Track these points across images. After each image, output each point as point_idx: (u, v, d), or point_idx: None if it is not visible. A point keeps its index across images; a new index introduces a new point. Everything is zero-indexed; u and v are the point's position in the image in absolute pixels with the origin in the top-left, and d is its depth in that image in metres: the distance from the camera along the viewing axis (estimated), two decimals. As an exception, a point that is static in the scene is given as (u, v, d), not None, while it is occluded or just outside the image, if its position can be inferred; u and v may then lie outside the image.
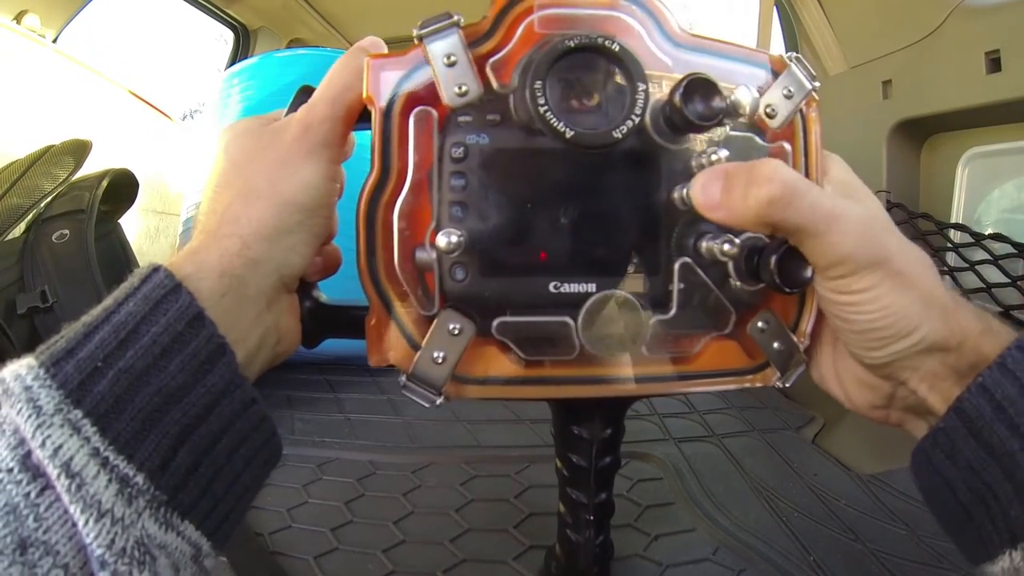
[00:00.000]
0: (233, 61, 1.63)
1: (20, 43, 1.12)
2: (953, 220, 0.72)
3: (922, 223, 0.74)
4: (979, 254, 0.65)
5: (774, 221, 0.22)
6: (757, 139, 0.27)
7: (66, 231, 0.85)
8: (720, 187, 0.23)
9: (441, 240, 0.24)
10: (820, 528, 0.51)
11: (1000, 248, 0.62)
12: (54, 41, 1.20)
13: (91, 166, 0.95)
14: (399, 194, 0.25)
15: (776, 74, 0.28)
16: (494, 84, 0.25)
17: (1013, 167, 0.67)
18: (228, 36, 1.65)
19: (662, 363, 0.27)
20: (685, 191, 0.26)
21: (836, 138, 0.87)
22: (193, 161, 1.01)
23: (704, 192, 0.24)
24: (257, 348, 0.24)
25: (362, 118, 0.27)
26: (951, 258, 0.69)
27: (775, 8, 0.95)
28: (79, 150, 0.94)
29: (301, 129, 0.26)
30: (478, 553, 0.48)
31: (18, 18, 1.11)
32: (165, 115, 1.46)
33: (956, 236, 0.69)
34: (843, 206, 0.23)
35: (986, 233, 0.66)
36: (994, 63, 0.62)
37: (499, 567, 0.46)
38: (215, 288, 0.22)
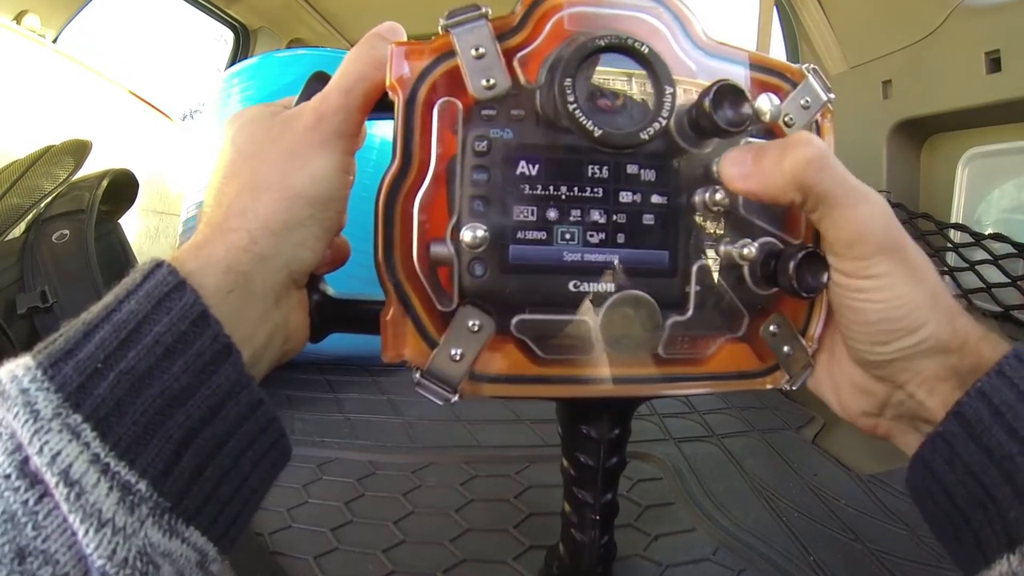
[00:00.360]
0: (233, 61, 1.63)
1: (20, 43, 1.12)
2: (953, 220, 0.72)
3: (922, 223, 0.74)
4: (979, 254, 0.65)
5: (808, 183, 0.23)
6: None
7: (66, 231, 0.85)
8: (751, 158, 0.24)
9: (466, 234, 0.24)
10: (820, 528, 0.51)
11: (1000, 248, 0.62)
12: (54, 41, 1.20)
13: (91, 166, 0.95)
14: (420, 185, 0.25)
15: (794, 84, 0.28)
16: (521, 79, 0.25)
17: (1013, 167, 0.67)
18: (228, 36, 1.65)
19: (677, 364, 0.27)
20: (706, 195, 0.26)
21: (836, 138, 0.87)
22: (193, 161, 1.01)
23: (734, 164, 0.24)
24: (264, 346, 0.24)
25: (378, 107, 0.26)
26: (951, 258, 0.69)
27: (775, 8, 0.95)
28: (79, 150, 0.94)
29: (314, 119, 0.25)
30: (478, 553, 0.48)
31: (18, 18, 1.11)
32: (165, 115, 1.46)
33: (956, 236, 0.69)
34: (867, 187, 0.23)
35: (986, 233, 0.66)
36: (994, 63, 0.62)
37: (499, 567, 0.46)
38: (221, 284, 0.21)
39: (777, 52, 0.98)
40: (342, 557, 0.47)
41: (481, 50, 0.24)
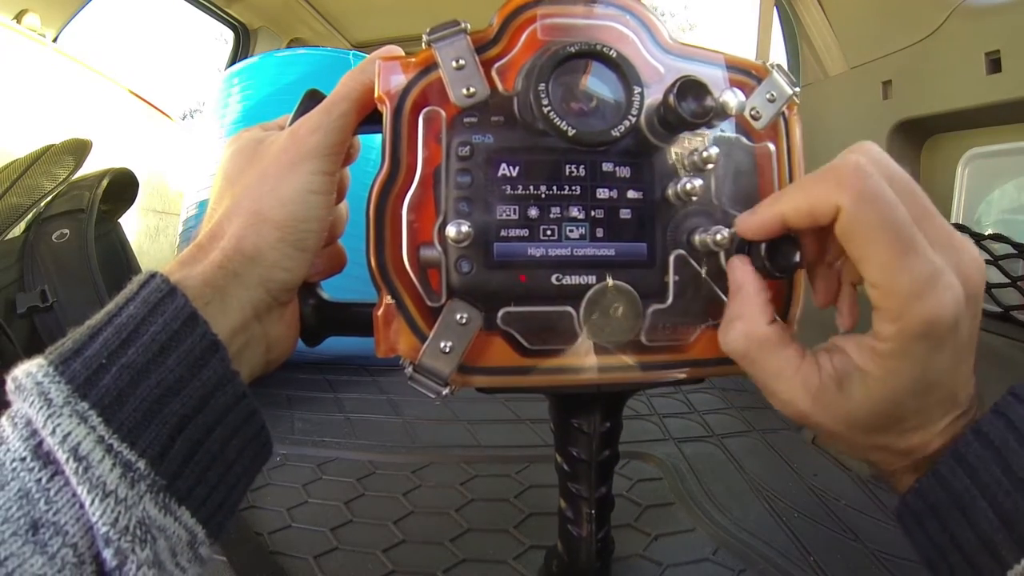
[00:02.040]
0: (233, 61, 1.63)
1: (20, 43, 1.12)
2: (953, 220, 0.72)
3: (922, 223, 0.73)
4: (979, 254, 0.65)
5: None
6: (744, 139, 0.29)
7: (66, 230, 0.85)
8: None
9: (451, 230, 0.25)
10: (820, 528, 0.51)
11: (1000, 248, 0.62)
12: (54, 41, 1.20)
13: (91, 166, 0.95)
14: (408, 189, 0.26)
15: (759, 80, 0.29)
16: (499, 87, 0.27)
17: (1013, 167, 0.67)
18: (228, 36, 1.65)
19: (659, 352, 0.28)
20: (679, 186, 0.27)
21: (836, 138, 0.87)
22: (193, 161, 1.01)
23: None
24: (237, 355, 0.25)
25: (369, 121, 0.28)
26: (951, 258, 0.69)
27: (775, 8, 0.95)
28: (79, 150, 0.94)
29: (289, 142, 0.27)
30: (478, 553, 0.48)
31: (18, 18, 1.11)
32: (165, 115, 1.46)
33: (956, 236, 0.69)
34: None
35: (986, 233, 0.66)
36: (994, 63, 0.62)
37: (499, 567, 0.46)
38: (198, 296, 0.23)
39: (777, 52, 0.98)
40: (342, 557, 0.47)
41: (461, 61, 0.26)
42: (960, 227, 0.68)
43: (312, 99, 0.29)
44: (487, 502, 0.55)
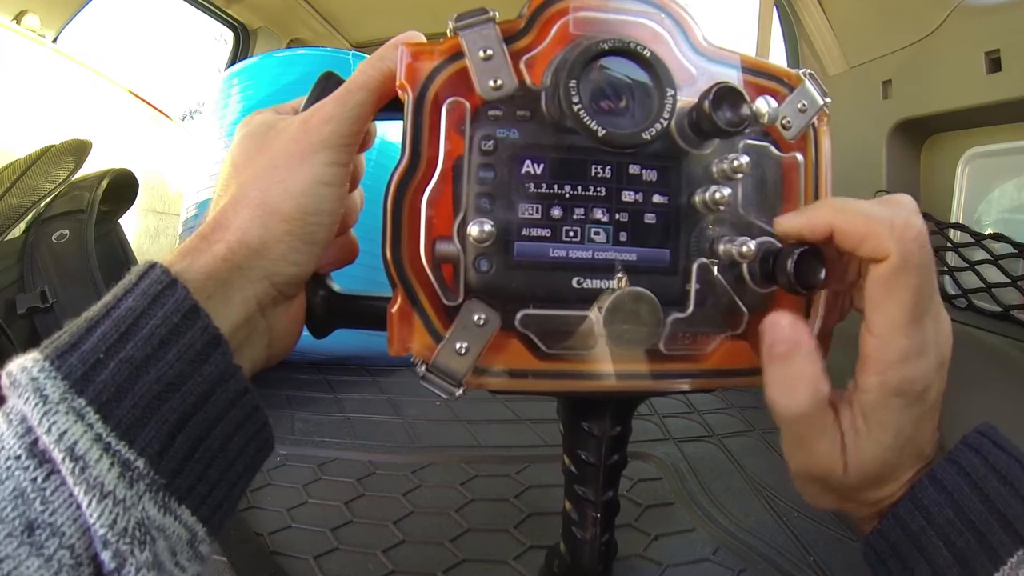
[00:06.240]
0: (233, 61, 1.63)
1: (20, 43, 1.12)
2: (953, 220, 0.72)
3: (922, 223, 0.73)
4: (979, 254, 0.65)
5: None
6: (773, 148, 0.28)
7: (66, 231, 0.85)
8: None
9: (473, 229, 0.24)
10: (820, 528, 0.51)
11: (1000, 248, 0.62)
12: (54, 41, 1.20)
13: (91, 166, 0.95)
14: (428, 182, 0.25)
15: (791, 88, 0.29)
16: (527, 80, 0.26)
17: (1013, 167, 0.67)
18: (228, 36, 1.65)
19: (677, 360, 0.28)
20: (707, 194, 0.26)
21: (836, 138, 0.86)
22: (193, 161, 1.01)
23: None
24: (238, 348, 0.24)
25: (388, 108, 0.27)
26: (951, 258, 0.69)
27: (775, 8, 0.95)
28: (79, 150, 0.94)
29: (300, 131, 0.26)
30: (478, 553, 0.48)
31: (18, 18, 1.11)
32: (165, 115, 1.46)
33: (956, 236, 0.69)
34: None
35: (986, 233, 0.66)
36: (994, 63, 0.62)
37: (499, 567, 0.46)
38: (200, 289, 0.22)
39: (777, 52, 0.98)
40: (342, 557, 0.47)
41: (489, 52, 0.25)
42: (960, 226, 0.68)
43: (328, 81, 0.28)
44: (487, 502, 0.55)
